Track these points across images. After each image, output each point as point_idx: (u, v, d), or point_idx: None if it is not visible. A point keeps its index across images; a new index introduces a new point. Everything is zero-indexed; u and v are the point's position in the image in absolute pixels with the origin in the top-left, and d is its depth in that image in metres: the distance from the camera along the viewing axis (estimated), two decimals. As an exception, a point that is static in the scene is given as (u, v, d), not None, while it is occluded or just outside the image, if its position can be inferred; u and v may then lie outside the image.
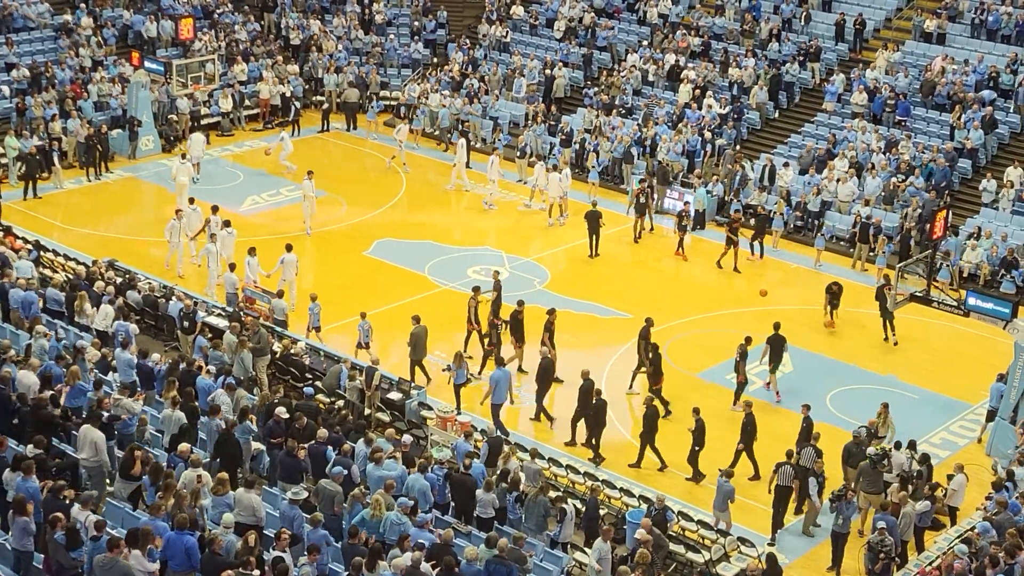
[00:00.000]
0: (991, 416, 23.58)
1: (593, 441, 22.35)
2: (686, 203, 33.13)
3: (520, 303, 25.07)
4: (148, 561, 14.58)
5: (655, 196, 33.92)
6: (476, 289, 25.53)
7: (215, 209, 29.23)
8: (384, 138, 39.63)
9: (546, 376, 23.30)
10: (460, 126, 38.63)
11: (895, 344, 27.33)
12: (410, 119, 40.07)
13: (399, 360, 24.59)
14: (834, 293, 28.09)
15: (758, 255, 31.63)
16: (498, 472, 19.36)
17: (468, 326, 25.21)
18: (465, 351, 24.61)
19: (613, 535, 17.81)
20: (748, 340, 24.34)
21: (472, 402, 23.17)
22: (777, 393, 25.01)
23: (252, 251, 26.94)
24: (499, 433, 21.25)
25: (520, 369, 24.97)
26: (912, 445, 21.36)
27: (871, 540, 18.51)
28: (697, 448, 21.69)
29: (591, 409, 22.20)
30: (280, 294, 25.50)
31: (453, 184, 35.75)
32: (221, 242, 27.78)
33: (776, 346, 24.92)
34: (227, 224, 28.56)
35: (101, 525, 14.86)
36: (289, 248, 27.11)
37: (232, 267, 26.21)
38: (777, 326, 25.08)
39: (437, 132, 39.57)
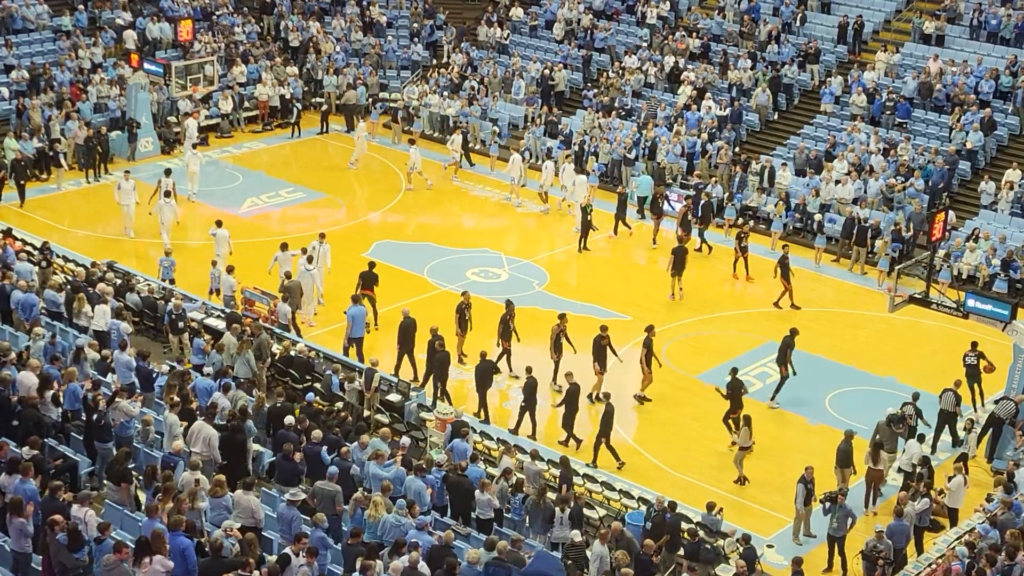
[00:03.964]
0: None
1: (439, 388, 23.30)
2: (743, 223, 31.92)
3: (604, 328, 24.35)
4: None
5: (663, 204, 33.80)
6: (563, 316, 24.71)
7: (167, 172, 31.33)
8: (384, 140, 39.66)
9: (406, 335, 24.31)
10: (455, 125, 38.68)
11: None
12: (410, 121, 40.14)
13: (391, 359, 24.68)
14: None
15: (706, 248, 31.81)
16: (499, 472, 19.43)
17: (553, 355, 24.47)
18: (555, 383, 24.32)
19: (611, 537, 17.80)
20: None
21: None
22: (679, 294, 28.81)
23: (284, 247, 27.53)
24: (364, 365, 22.99)
25: (592, 396, 24.36)
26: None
27: (865, 547, 18.52)
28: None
29: (436, 363, 23.32)
30: (285, 298, 25.48)
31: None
32: (160, 210, 29.68)
33: (679, 255, 28.71)
34: (167, 195, 29.93)
35: (105, 527, 14.81)
36: (284, 247, 27.43)
37: (231, 269, 26.19)
38: (681, 240, 29.64)
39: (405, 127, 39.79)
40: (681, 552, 18.41)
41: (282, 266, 27.01)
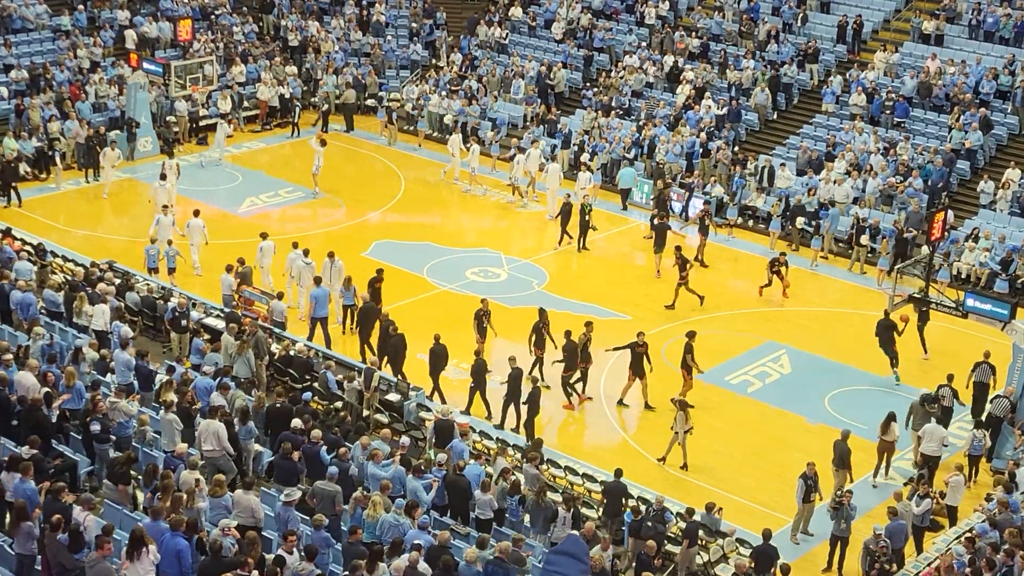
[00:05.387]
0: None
1: (400, 374, 23.55)
2: (783, 253, 30.30)
3: (640, 334, 24.12)
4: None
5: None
6: (589, 324, 24.18)
7: (170, 155, 33.32)
8: (384, 140, 39.64)
9: (365, 320, 24.91)
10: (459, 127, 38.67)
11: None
12: (408, 121, 40.18)
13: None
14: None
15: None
16: (498, 472, 19.42)
17: (583, 364, 24.13)
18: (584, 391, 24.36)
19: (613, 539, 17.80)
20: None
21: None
22: (658, 272, 29.80)
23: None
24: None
25: (620, 402, 24.41)
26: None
27: (865, 547, 18.53)
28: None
29: (390, 346, 23.72)
30: (280, 296, 25.46)
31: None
32: (154, 192, 30.33)
33: (660, 232, 29.53)
34: (162, 177, 30.58)
35: (109, 529, 14.75)
36: (264, 236, 27.74)
37: (229, 268, 26.18)
38: (663, 216, 30.82)
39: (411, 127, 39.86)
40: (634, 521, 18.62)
41: (265, 257, 27.22)
